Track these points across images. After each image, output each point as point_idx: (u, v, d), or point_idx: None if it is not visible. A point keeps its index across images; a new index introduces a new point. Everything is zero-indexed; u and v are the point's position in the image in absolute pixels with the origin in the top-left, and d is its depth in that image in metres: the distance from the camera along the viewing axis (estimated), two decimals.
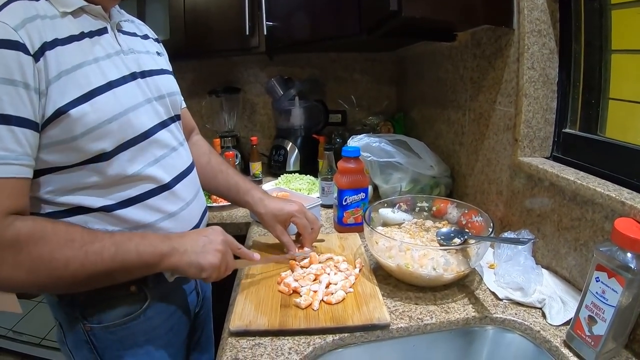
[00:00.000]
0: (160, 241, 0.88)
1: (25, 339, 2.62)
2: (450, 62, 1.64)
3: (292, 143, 2.23)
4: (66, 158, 0.81)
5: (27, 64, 0.72)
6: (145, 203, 0.93)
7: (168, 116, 1.04)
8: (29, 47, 0.73)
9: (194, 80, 2.50)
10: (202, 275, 0.92)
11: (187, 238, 0.93)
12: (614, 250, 0.76)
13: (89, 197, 0.86)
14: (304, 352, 0.87)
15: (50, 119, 0.77)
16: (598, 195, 0.88)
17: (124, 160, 0.88)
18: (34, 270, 0.75)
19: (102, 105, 0.83)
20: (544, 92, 1.15)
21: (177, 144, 1.04)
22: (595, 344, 0.79)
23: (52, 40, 0.77)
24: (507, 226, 1.29)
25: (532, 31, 1.12)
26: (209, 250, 0.92)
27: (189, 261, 0.90)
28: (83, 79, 0.81)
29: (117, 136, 0.86)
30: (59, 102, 0.77)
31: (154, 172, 0.94)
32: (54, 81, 0.77)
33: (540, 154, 1.19)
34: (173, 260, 0.88)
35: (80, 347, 0.96)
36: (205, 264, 0.91)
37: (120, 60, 0.91)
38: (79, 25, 0.85)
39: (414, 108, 2.19)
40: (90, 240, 0.80)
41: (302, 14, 1.78)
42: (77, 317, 0.94)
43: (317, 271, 1.10)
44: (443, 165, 1.65)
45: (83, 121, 0.80)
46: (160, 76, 1.04)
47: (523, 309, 0.98)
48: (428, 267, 1.02)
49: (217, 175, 1.29)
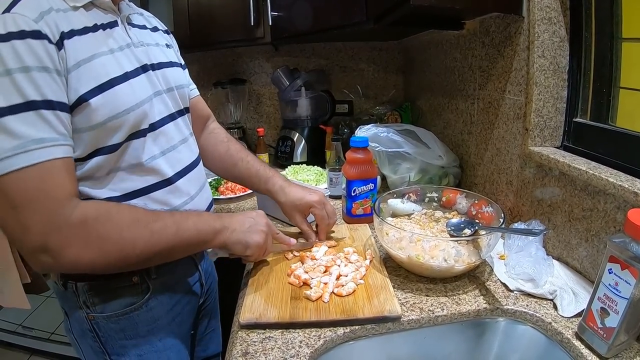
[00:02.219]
0: (213, 220, 0.97)
1: (35, 334, 2.64)
2: (458, 51, 1.62)
3: (298, 134, 2.22)
4: (77, 148, 0.82)
5: (53, 52, 0.74)
6: (149, 196, 0.94)
7: (177, 109, 1.04)
8: (51, 36, 0.74)
9: (199, 72, 2.50)
10: (247, 252, 1.02)
11: (235, 218, 1.02)
12: (628, 242, 0.75)
13: (94, 188, 0.87)
14: (315, 345, 0.87)
15: (72, 106, 0.78)
16: (610, 185, 0.87)
17: (131, 151, 0.89)
18: (103, 250, 0.80)
19: (120, 95, 0.85)
20: (555, 80, 1.13)
21: (183, 138, 1.05)
22: (607, 336, 0.78)
23: (69, 31, 0.78)
24: (517, 216, 1.28)
25: (542, 19, 1.10)
26: (255, 230, 1.03)
27: (237, 239, 0.99)
28: (101, 68, 0.83)
29: (130, 127, 0.87)
30: (79, 90, 0.79)
31: (159, 165, 0.95)
32: (73, 70, 0.78)
33: (550, 144, 1.17)
34: (223, 237, 0.97)
35: (84, 336, 0.98)
36: (252, 242, 1.01)
37: (131, 53, 0.92)
38: (91, 18, 0.86)
39: (421, 97, 2.18)
40: (154, 219, 0.86)
41: (307, 4, 1.76)
42: (80, 307, 0.95)
43: (327, 263, 1.09)
44: (452, 155, 1.64)
45: (101, 111, 0.81)
46: (169, 69, 1.05)
47: (534, 301, 0.98)
48: (439, 258, 1.02)
49: (237, 163, 1.29)
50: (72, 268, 0.82)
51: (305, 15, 1.78)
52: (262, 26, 2.01)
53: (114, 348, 0.98)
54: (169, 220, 0.88)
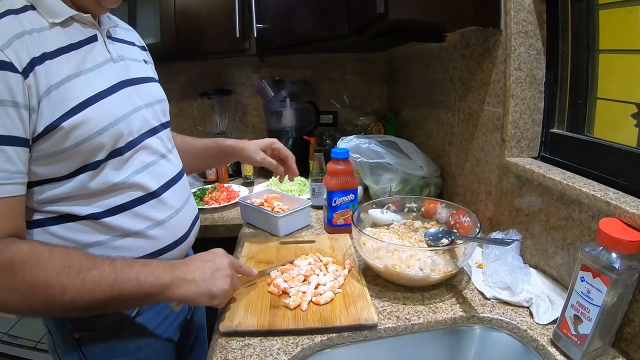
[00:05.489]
0: (163, 270, 0.85)
1: (21, 343, 2.61)
2: (439, 63, 1.64)
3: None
4: (55, 170, 0.82)
5: (15, 82, 0.72)
6: (133, 211, 0.92)
7: (158, 123, 1.03)
8: (17, 64, 0.73)
9: (186, 83, 2.50)
10: (214, 302, 0.90)
11: (192, 266, 0.90)
12: (599, 251, 0.76)
13: (76, 206, 0.86)
14: (293, 352, 0.87)
15: (41, 134, 0.77)
16: (584, 195, 0.89)
17: (112, 169, 0.88)
18: (29, 296, 0.74)
19: (93, 117, 0.83)
20: (531, 92, 1.15)
21: (166, 151, 1.04)
22: (581, 343, 0.79)
23: (41, 55, 0.77)
24: (496, 225, 1.29)
25: (518, 32, 1.12)
26: (218, 277, 0.90)
27: (199, 291, 0.87)
28: (72, 91, 0.81)
29: (107, 146, 0.86)
30: (50, 117, 0.77)
31: (142, 179, 0.94)
32: (44, 96, 0.77)
33: (527, 154, 1.19)
34: (181, 291, 0.86)
35: (69, 355, 0.96)
36: (218, 291, 0.89)
37: (109, 69, 0.91)
38: (67, 36, 0.84)
39: (405, 108, 2.20)
40: (88, 267, 0.78)
41: (292, 16, 1.77)
42: (66, 325, 0.93)
43: (306, 272, 1.10)
44: (433, 166, 1.65)
45: (74, 134, 0.80)
46: (149, 84, 1.04)
47: (510, 308, 0.98)
48: (415, 267, 1.02)
49: (192, 144, 1.36)
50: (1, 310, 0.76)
51: (290, 27, 1.79)
52: (248, 37, 2.02)
53: None
54: (106, 270, 0.79)
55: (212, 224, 1.70)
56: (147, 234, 0.95)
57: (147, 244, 0.95)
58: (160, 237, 0.97)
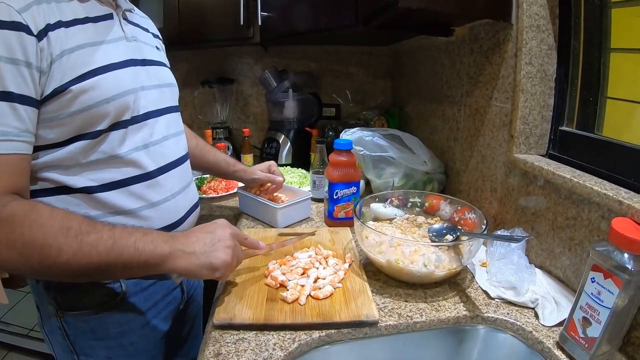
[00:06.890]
0: (162, 241, 0.83)
1: (13, 330, 2.60)
2: (446, 57, 1.61)
3: (284, 136, 2.21)
4: (55, 135, 0.82)
5: (29, 43, 0.74)
6: (128, 189, 0.91)
7: (166, 105, 1.04)
8: (32, 28, 0.74)
9: (188, 71, 2.47)
10: (216, 275, 0.88)
11: (192, 238, 0.88)
12: (611, 250, 0.74)
13: (71, 175, 0.85)
14: (289, 348, 0.84)
15: (48, 96, 0.78)
16: (595, 194, 0.86)
17: (111, 141, 0.88)
18: (25, 253, 0.74)
19: (102, 84, 0.84)
20: (542, 88, 1.13)
21: (171, 134, 1.04)
22: (589, 346, 0.77)
23: (56, 22, 0.79)
24: (500, 224, 1.27)
25: (530, 26, 1.09)
26: (219, 248, 0.88)
27: (199, 263, 0.85)
28: (86, 58, 0.83)
29: (111, 116, 0.86)
30: (60, 80, 0.79)
31: (139, 157, 0.93)
32: (57, 59, 0.78)
33: (536, 152, 1.16)
34: (181, 263, 0.84)
35: (54, 333, 0.96)
36: (218, 263, 0.86)
37: (122, 46, 0.93)
38: (84, 10, 0.86)
39: (409, 103, 2.17)
40: (87, 230, 0.77)
41: (298, 5, 1.75)
42: (50, 303, 0.93)
43: (305, 265, 1.07)
44: (437, 161, 1.63)
45: (81, 98, 0.81)
46: (160, 67, 1.06)
47: (515, 309, 0.96)
48: (419, 263, 1.00)
49: (205, 155, 1.42)
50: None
51: (295, 16, 1.77)
52: (252, 26, 2.00)
53: (83, 348, 0.96)
54: (105, 234, 0.78)
55: (210, 214, 1.68)
56: (140, 214, 0.94)
57: (138, 223, 0.93)
58: (153, 218, 0.96)
